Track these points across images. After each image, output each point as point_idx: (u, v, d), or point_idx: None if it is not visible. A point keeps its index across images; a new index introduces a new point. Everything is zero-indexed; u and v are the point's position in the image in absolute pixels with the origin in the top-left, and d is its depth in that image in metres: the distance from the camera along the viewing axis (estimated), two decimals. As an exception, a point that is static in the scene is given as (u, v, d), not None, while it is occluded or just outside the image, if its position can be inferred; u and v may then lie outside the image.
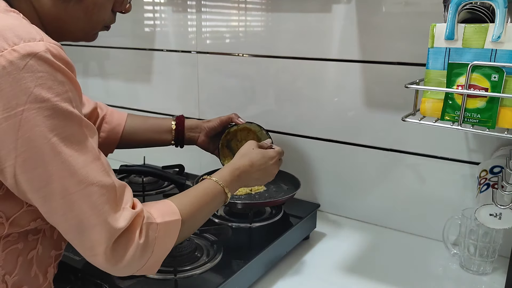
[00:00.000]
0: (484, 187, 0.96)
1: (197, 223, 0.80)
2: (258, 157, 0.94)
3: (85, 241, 0.64)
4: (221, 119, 1.14)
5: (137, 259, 0.67)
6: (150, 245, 0.68)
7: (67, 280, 0.91)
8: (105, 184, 0.65)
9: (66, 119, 0.62)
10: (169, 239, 0.72)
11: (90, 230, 0.64)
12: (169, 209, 0.73)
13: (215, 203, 0.83)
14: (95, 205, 0.63)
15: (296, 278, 1.01)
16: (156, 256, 0.70)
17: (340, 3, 1.16)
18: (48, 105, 0.60)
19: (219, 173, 0.87)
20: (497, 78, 0.74)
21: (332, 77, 1.23)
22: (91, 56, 1.73)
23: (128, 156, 1.25)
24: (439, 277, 1.03)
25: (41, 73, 0.59)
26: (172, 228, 0.72)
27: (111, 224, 0.64)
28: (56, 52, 0.62)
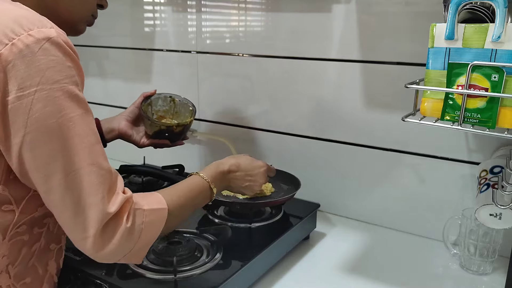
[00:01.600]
0: (484, 187, 0.96)
1: (183, 215, 0.82)
2: (247, 162, 0.98)
3: (79, 223, 0.66)
4: (135, 102, 1.19)
5: (123, 243, 0.69)
6: (136, 230, 0.70)
7: (67, 280, 0.91)
8: (104, 167, 0.68)
9: (74, 101, 0.66)
10: (156, 227, 0.73)
11: (86, 210, 0.66)
12: (156, 198, 0.76)
13: (200, 197, 0.86)
14: (94, 184, 0.66)
15: (296, 278, 1.01)
16: (142, 243, 0.71)
17: (340, 3, 1.16)
18: (59, 87, 0.64)
19: (205, 169, 0.91)
20: (497, 78, 0.74)
21: (332, 77, 1.23)
22: (91, 56, 1.74)
23: (128, 156, 1.26)
24: (439, 277, 1.03)
25: (53, 57, 0.64)
26: (159, 216, 0.74)
27: (105, 206, 0.66)
28: (65, 39, 0.66)
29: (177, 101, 1.25)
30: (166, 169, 1.34)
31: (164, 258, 0.92)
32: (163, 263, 0.91)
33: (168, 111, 1.25)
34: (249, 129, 1.41)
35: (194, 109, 1.23)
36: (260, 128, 1.39)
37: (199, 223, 1.11)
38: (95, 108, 1.22)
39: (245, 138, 1.42)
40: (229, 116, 1.44)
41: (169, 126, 1.16)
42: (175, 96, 1.25)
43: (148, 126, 1.16)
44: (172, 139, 1.18)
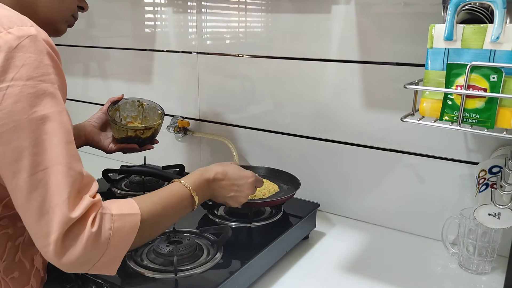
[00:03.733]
0: (483, 187, 0.97)
1: (161, 224, 0.79)
2: (234, 171, 0.94)
3: (42, 226, 0.63)
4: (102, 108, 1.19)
5: (89, 250, 0.65)
6: (103, 236, 0.66)
7: (68, 279, 0.91)
8: (73, 168, 0.65)
9: (47, 99, 0.65)
10: (126, 233, 0.69)
11: (50, 212, 0.63)
12: (128, 204, 0.72)
13: (180, 205, 0.83)
14: (59, 185, 0.63)
15: (296, 278, 1.02)
16: (112, 251, 0.68)
17: (339, 4, 1.17)
18: (32, 83, 0.63)
19: (188, 176, 0.87)
20: (496, 79, 0.74)
21: (331, 78, 1.23)
22: (92, 57, 1.74)
23: (129, 156, 1.26)
24: (438, 277, 1.04)
25: (30, 54, 0.64)
26: (129, 221, 0.70)
27: (68, 210, 0.63)
28: (45, 37, 0.67)
29: (146, 105, 1.24)
30: (167, 169, 1.35)
31: (164, 257, 0.92)
32: (163, 262, 0.91)
33: (137, 116, 1.24)
34: (249, 129, 1.41)
35: (162, 112, 1.21)
36: (260, 128, 1.39)
37: (199, 223, 1.11)
38: (95, 109, 1.23)
39: (245, 138, 1.42)
40: (229, 116, 1.45)
41: (136, 130, 1.14)
42: (143, 100, 1.23)
43: (115, 131, 1.15)
44: (141, 144, 1.17)
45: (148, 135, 1.17)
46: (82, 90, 1.80)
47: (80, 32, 1.74)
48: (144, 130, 1.15)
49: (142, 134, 1.15)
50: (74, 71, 1.81)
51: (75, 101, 1.82)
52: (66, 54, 1.81)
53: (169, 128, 1.53)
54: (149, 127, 1.16)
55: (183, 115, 1.54)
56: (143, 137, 1.16)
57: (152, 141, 1.20)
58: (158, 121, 1.20)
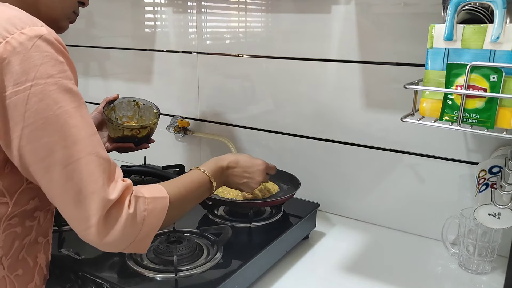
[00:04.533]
0: (483, 187, 0.97)
1: (184, 207, 0.83)
2: (246, 158, 1.00)
3: (81, 212, 0.67)
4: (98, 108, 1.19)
5: (127, 230, 0.69)
6: (139, 216, 0.71)
7: (68, 279, 0.91)
8: (102, 156, 0.70)
9: (68, 94, 0.67)
10: (158, 215, 0.74)
11: (88, 198, 0.67)
12: (157, 188, 0.77)
13: (201, 190, 0.88)
14: (93, 173, 0.67)
15: (296, 277, 1.02)
16: (145, 230, 0.72)
17: (339, 4, 1.17)
18: (53, 81, 0.66)
19: (205, 164, 0.93)
20: (496, 79, 0.74)
21: (331, 78, 1.23)
22: (92, 57, 1.74)
23: (129, 156, 1.26)
24: (438, 277, 1.04)
25: (46, 53, 0.66)
26: (160, 204, 0.75)
27: (106, 194, 0.68)
28: (55, 36, 0.69)
29: (141, 104, 1.24)
30: (167, 169, 1.35)
31: (164, 257, 0.92)
32: (163, 262, 0.91)
33: (133, 116, 1.24)
34: (249, 129, 1.41)
35: (158, 112, 1.21)
36: (260, 128, 1.39)
37: (199, 223, 1.11)
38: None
39: (245, 138, 1.43)
40: (229, 116, 1.45)
41: (132, 129, 1.14)
42: (138, 100, 1.24)
43: (111, 130, 1.15)
44: (137, 143, 1.17)
45: (144, 135, 1.17)
46: (82, 90, 1.78)
47: (80, 32, 1.74)
48: (140, 129, 1.15)
49: (138, 134, 1.15)
50: (74, 71, 1.81)
51: (75, 101, 1.82)
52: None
53: (169, 128, 1.53)
54: (145, 126, 1.16)
55: (183, 115, 1.54)
56: (139, 136, 1.16)
57: (148, 141, 1.20)
58: (153, 120, 1.20)
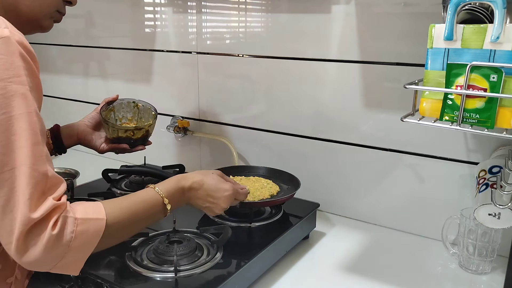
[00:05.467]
0: (483, 187, 0.97)
1: (129, 229, 0.79)
2: (212, 182, 0.91)
3: (6, 224, 0.65)
4: (97, 108, 1.18)
5: (49, 251, 0.66)
6: (65, 238, 0.67)
7: (68, 279, 0.91)
8: (37, 169, 0.66)
9: (18, 100, 0.65)
10: (89, 237, 0.70)
11: (14, 211, 0.64)
12: (95, 208, 0.73)
13: (151, 212, 0.82)
14: (22, 185, 0.65)
15: (296, 278, 1.02)
16: (74, 254, 0.69)
17: (340, 4, 1.17)
18: (2, 85, 0.64)
19: (164, 182, 0.87)
20: (496, 79, 0.74)
21: (331, 78, 1.23)
22: (92, 57, 1.74)
23: (129, 156, 1.26)
24: (438, 277, 1.04)
25: (1, 56, 0.64)
26: (94, 226, 0.71)
27: (29, 210, 0.65)
28: (19, 39, 0.67)
29: (141, 106, 1.24)
30: (167, 169, 1.35)
31: (164, 257, 0.92)
32: (163, 262, 0.91)
33: (133, 118, 1.24)
34: (249, 129, 1.41)
35: (155, 114, 1.21)
36: (260, 128, 1.39)
37: (199, 223, 1.11)
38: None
39: (245, 138, 1.42)
40: (229, 116, 1.45)
41: (127, 130, 1.14)
42: (138, 101, 1.24)
43: (107, 131, 1.15)
44: (133, 145, 1.17)
45: (139, 136, 1.17)
46: (82, 90, 1.80)
47: (80, 32, 1.74)
48: (134, 130, 1.15)
49: (133, 135, 1.15)
50: (74, 71, 1.81)
51: (75, 101, 1.83)
52: (66, 54, 1.82)
53: (169, 128, 1.53)
54: (140, 128, 1.16)
55: (183, 115, 1.54)
56: (134, 138, 1.16)
57: (144, 142, 1.19)
58: (149, 122, 1.19)
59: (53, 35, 1.80)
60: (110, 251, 0.77)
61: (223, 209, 0.93)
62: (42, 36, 1.33)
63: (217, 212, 0.93)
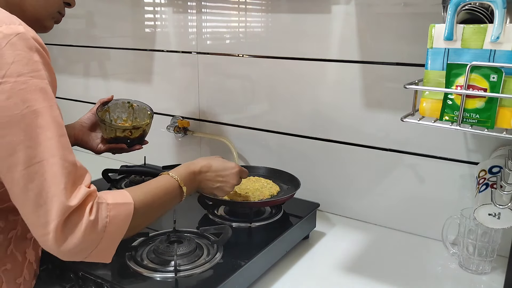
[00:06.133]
0: (483, 187, 0.97)
1: (153, 213, 0.82)
2: (218, 163, 0.97)
3: (40, 216, 0.65)
4: (92, 109, 1.19)
5: (88, 237, 0.68)
6: (100, 224, 0.69)
7: (68, 279, 0.91)
8: (67, 159, 0.68)
9: (38, 94, 0.67)
10: (121, 222, 0.72)
11: (48, 202, 0.65)
12: (122, 194, 0.75)
13: (170, 195, 0.86)
14: (56, 176, 0.66)
15: (296, 278, 1.02)
16: (108, 238, 0.71)
17: (340, 4, 1.17)
18: (23, 80, 0.65)
19: (175, 169, 0.91)
20: (496, 79, 0.74)
21: (331, 78, 1.23)
22: (92, 57, 1.74)
23: (129, 156, 1.26)
24: (438, 277, 1.04)
25: (19, 51, 0.65)
26: (124, 210, 0.73)
27: (66, 199, 0.66)
28: (33, 35, 0.68)
29: (136, 106, 1.24)
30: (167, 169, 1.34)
31: (164, 257, 0.92)
32: (163, 262, 0.91)
33: (128, 118, 1.24)
34: (249, 129, 1.41)
35: (152, 113, 1.21)
36: (260, 128, 1.39)
37: (199, 223, 1.11)
38: (96, 108, 1.23)
39: (245, 138, 1.43)
40: (229, 116, 1.45)
41: (125, 130, 1.14)
42: (133, 102, 1.24)
43: (104, 131, 1.15)
44: (130, 144, 1.17)
45: (137, 136, 1.17)
46: (82, 90, 1.80)
47: (80, 32, 1.74)
48: (132, 130, 1.15)
49: (131, 135, 1.15)
50: (75, 71, 1.81)
51: (76, 101, 1.83)
52: (67, 54, 1.82)
53: (169, 128, 1.53)
54: (137, 127, 1.16)
55: (183, 115, 1.54)
56: (131, 137, 1.16)
57: (141, 142, 1.20)
58: (146, 121, 1.19)
59: (53, 35, 1.80)
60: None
61: (233, 186, 0.98)
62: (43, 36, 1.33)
63: (228, 190, 0.98)
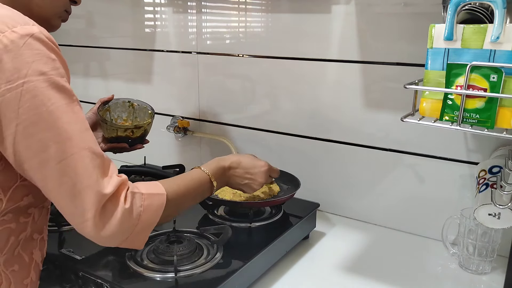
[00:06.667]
0: (483, 187, 0.97)
1: (183, 205, 0.84)
2: (248, 160, 1.00)
3: (77, 206, 0.68)
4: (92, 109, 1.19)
5: (123, 224, 0.70)
6: (135, 212, 0.72)
7: (68, 279, 0.91)
8: (96, 151, 0.71)
9: (61, 90, 0.68)
10: (155, 211, 0.75)
11: (83, 193, 0.68)
12: (155, 185, 0.79)
13: (201, 189, 0.89)
14: (88, 168, 0.68)
15: (296, 278, 1.02)
16: (142, 227, 0.73)
17: (340, 4, 1.17)
18: (45, 78, 0.67)
19: (206, 164, 0.93)
20: (496, 79, 0.74)
21: (331, 78, 1.23)
22: (92, 57, 1.74)
23: (129, 156, 1.26)
24: (438, 277, 1.04)
25: (37, 51, 0.67)
26: (157, 200, 0.76)
27: (100, 188, 0.69)
28: (47, 34, 0.69)
29: (136, 105, 1.24)
30: (167, 169, 1.35)
31: (164, 257, 0.92)
32: (163, 262, 0.91)
33: (128, 117, 1.24)
34: (249, 129, 1.41)
35: (153, 112, 1.22)
36: (260, 128, 1.39)
37: (199, 223, 1.11)
38: (96, 108, 1.22)
39: (245, 138, 1.42)
40: (229, 116, 1.45)
41: (126, 129, 1.14)
42: (133, 101, 1.24)
43: (105, 131, 1.15)
44: (131, 144, 1.17)
45: (138, 135, 1.17)
46: (82, 90, 1.80)
47: (80, 32, 1.74)
48: (133, 129, 1.15)
49: (132, 134, 1.15)
50: (75, 71, 1.81)
51: (75, 101, 1.82)
52: (67, 54, 1.80)
53: (169, 128, 1.53)
54: (139, 126, 1.16)
55: (183, 115, 1.54)
56: (133, 137, 1.16)
57: (142, 141, 1.20)
58: (147, 120, 1.19)
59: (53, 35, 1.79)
60: (110, 251, 0.77)
61: (261, 184, 1.00)
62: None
63: (255, 187, 1.00)
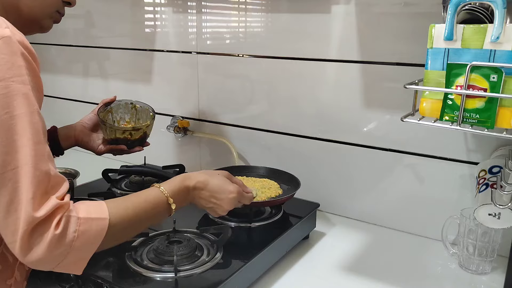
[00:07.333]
0: (483, 187, 0.97)
1: (133, 228, 0.78)
2: (217, 182, 0.90)
3: (10, 223, 0.65)
4: (94, 110, 1.18)
5: (52, 250, 0.66)
6: (68, 238, 0.67)
7: (68, 279, 0.91)
8: (40, 168, 0.67)
9: (20, 99, 0.65)
10: (92, 237, 0.70)
11: (18, 210, 0.65)
12: (98, 208, 0.72)
13: (155, 211, 0.81)
14: (25, 185, 0.65)
15: (296, 278, 1.02)
16: (77, 253, 0.69)
17: (339, 4, 1.17)
18: (5, 84, 0.64)
19: (169, 182, 0.86)
20: (496, 79, 0.74)
21: (331, 78, 1.23)
22: (92, 57, 1.74)
23: (129, 156, 1.26)
24: (438, 277, 1.04)
25: (2, 55, 0.64)
26: (96, 226, 0.70)
27: (31, 209, 0.65)
28: (20, 39, 0.67)
29: (139, 107, 1.23)
30: (167, 169, 1.35)
31: (164, 257, 0.92)
32: (163, 262, 0.91)
33: (131, 119, 1.24)
34: (249, 129, 1.41)
35: (154, 114, 1.21)
36: (260, 128, 1.39)
37: (199, 223, 1.11)
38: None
39: (245, 138, 1.42)
40: (229, 116, 1.45)
41: (125, 131, 1.14)
42: (136, 102, 1.23)
43: (105, 132, 1.15)
44: (131, 146, 1.16)
45: (137, 137, 1.16)
46: (82, 90, 1.80)
47: (80, 32, 1.74)
48: (132, 131, 1.14)
49: (131, 136, 1.15)
50: (74, 71, 1.81)
51: (75, 101, 1.83)
52: (66, 54, 1.82)
53: (169, 128, 1.53)
54: (137, 128, 1.15)
55: (183, 115, 1.54)
56: (132, 139, 1.15)
57: (142, 143, 1.19)
58: (146, 122, 1.19)
59: (53, 35, 1.80)
60: (110, 251, 0.77)
61: (226, 211, 0.91)
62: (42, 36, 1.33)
63: (219, 213, 0.91)
